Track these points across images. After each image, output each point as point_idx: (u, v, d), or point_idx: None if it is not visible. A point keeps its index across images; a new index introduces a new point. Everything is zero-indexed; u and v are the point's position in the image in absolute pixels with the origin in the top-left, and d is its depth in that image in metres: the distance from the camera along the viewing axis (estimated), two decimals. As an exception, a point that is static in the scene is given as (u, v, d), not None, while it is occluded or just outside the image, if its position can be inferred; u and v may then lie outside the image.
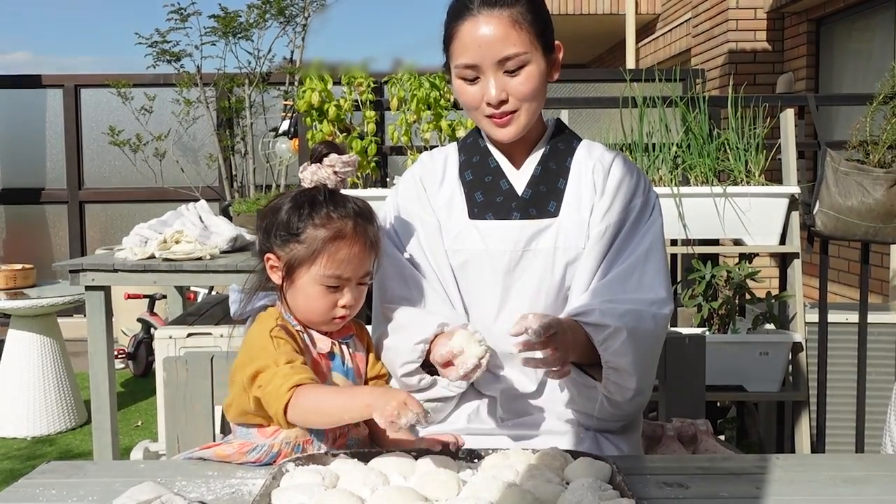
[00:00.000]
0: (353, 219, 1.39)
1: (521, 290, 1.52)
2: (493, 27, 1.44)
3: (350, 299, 1.39)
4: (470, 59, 1.46)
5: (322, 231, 1.37)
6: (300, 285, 1.39)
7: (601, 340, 1.41)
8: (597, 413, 1.49)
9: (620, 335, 1.40)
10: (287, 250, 1.39)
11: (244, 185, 5.44)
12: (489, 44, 1.44)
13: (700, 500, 1.19)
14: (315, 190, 1.42)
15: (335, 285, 1.38)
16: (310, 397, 1.29)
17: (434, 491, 1.17)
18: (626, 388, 1.44)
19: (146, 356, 5.14)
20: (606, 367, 1.42)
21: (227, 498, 1.22)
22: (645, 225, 1.54)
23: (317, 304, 1.40)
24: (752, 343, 2.89)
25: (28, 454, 3.88)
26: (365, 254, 1.40)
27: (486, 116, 1.50)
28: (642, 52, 8.66)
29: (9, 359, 4.17)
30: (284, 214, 1.40)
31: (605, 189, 1.54)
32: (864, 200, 2.84)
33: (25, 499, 1.22)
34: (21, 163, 6.56)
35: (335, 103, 3.07)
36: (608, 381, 1.43)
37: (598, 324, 1.41)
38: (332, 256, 1.37)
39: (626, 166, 1.57)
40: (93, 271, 3.11)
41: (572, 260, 1.51)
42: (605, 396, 1.46)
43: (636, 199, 1.54)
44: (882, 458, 1.68)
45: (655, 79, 3.28)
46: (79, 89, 6.42)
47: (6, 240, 6.59)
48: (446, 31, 1.50)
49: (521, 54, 1.45)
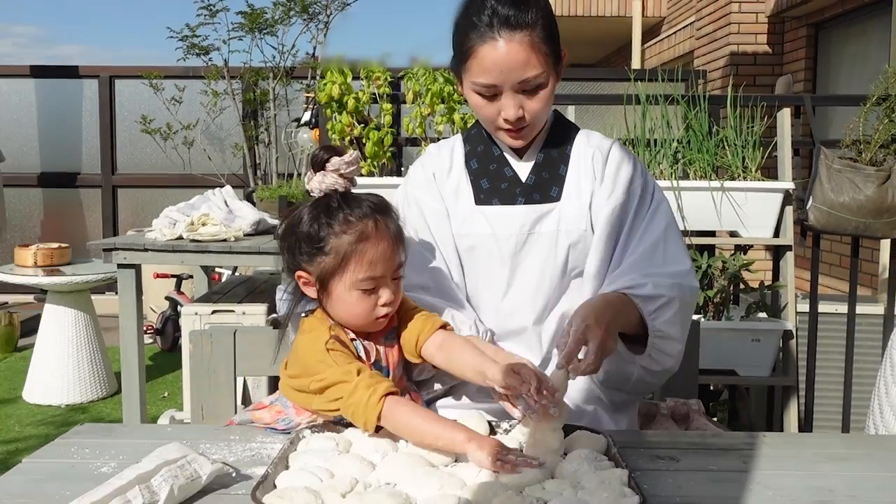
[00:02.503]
0: (372, 217, 1.31)
1: (526, 272, 1.53)
2: (514, 51, 1.40)
3: (389, 296, 1.32)
4: (490, 81, 1.43)
5: (345, 237, 1.29)
6: (337, 295, 1.32)
7: (652, 310, 1.41)
8: (629, 387, 1.49)
9: (673, 305, 1.42)
10: (316, 264, 1.31)
11: (267, 173, 5.47)
12: (511, 68, 1.41)
13: (690, 473, 1.20)
14: (327, 198, 1.33)
15: (371, 287, 1.31)
16: (402, 413, 1.23)
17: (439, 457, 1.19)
18: (670, 355, 1.45)
19: (173, 332, 5.18)
20: (653, 336, 1.42)
21: (248, 460, 1.24)
22: (652, 205, 1.54)
23: (357, 310, 1.32)
24: (744, 330, 2.89)
25: (62, 420, 3.93)
26: (392, 248, 1.32)
27: (502, 129, 1.50)
28: (648, 54, 8.61)
29: (45, 332, 4.22)
30: (305, 228, 1.31)
31: (604, 175, 1.54)
32: (856, 197, 2.83)
33: (60, 456, 1.24)
34: (58, 148, 6.60)
35: (354, 96, 3.08)
36: (653, 350, 1.43)
37: (651, 295, 1.41)
38: (361, 259, 1.29)
39: (622, 152, 1.58)
40: (124, 250, 3.14)
41: (574, 242, 1.52)
42: (642, 369, 1.45)
43: (636, 182, 1.55)
44: (865, 437, 1.69)
45: (658, 78, 3.27)
46: (113, 80, 6.45)
47: (44, 220, 6.64)
48: (462, 46, 1.45)
49: (539, 76, 1.43)
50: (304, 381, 1.31)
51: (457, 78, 1.55)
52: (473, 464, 1.14)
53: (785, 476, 1.20)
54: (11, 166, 5.97)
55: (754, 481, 1.17)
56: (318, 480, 1.09)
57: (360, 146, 3.09)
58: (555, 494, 1.06)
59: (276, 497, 1.03)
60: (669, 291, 1.42)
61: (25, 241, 4.96)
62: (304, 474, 1.10)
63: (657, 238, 1.50)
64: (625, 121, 3.08)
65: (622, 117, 3.10)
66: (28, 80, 6.54)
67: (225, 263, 4.19)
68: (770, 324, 2.94)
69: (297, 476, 1.11)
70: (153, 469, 1.05)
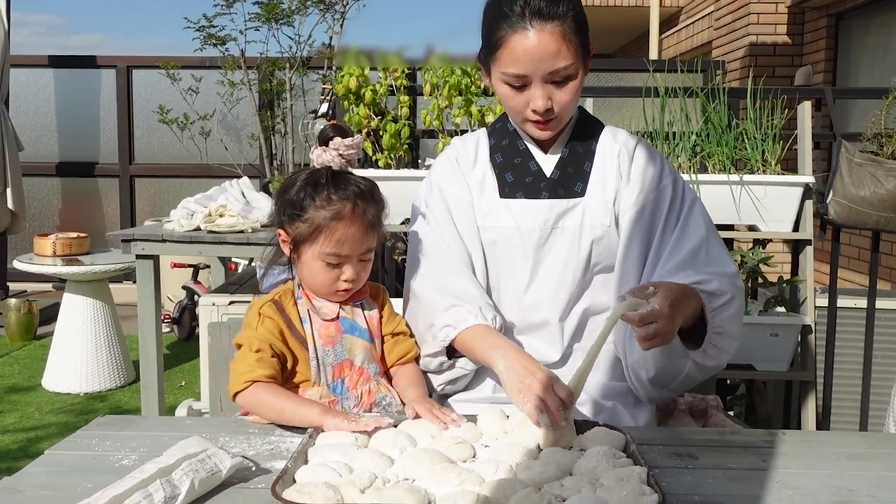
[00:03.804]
0: (352, 201, 1.41)
1: (549, 266, 1.53)
2: (545, 41, 1.41)
3: (351, 274, 1.43)
4: (520, 70, 1.44)
5: (322, 212, 1.40)
6: (304, 260, 1.44)
7: (715, 307, 1.40)
8: (675, 384, 1.48)
9: (735, 302, 1.41)
10: (294, 227, 1.43)
11: (283, 164, 5.48)
12: (541, 58, 1.41)
13: (708, 471, 1.20)
14: (319, 172, 1.45)
15: (336, 262, 1.42)
16: (266, 394, 1.36)
17: (457, 453, 1.19)
18: (726, 352, 1.44)
19: (190, 321, 5.22)
20: (712, 332, 1.41)
21: (267, 453, 1.24)
22: (686, 204, 1.53)
23: (320, 278, 1.44)
24: (763, 325, 2.87)
25: (81, 408, 3.97)
26: (363, 233, 1.42)
27: (530, 121, 1.50)
28: (665, 44, 8.54)
29: (64, 320, 4.26)
30: (293, 194, 1.44)
31: (630, 174, 1.54)
32: (877, 191, 2.80)
33: (83, 448, 1.25)
34: (76, 138, 6.64)
35: (371, 88, 3.07)
36: (709, 346, 1.42)
37: (716, 291, 1.40)
38: (331, 236, 1.40)
39: (648, 150, 1.57)
40: (143, 241, 3.16)
41: (598, 238, 1.52)
42: (695, 365, 1.44)
43: (664, 180, 1.54)
44: (885, 436, 1.67)
45: (677, 70, 3.24)
46: (131, 70, 6.48)
47: (62, 210, 6.69)
48: (493, 36, 1.45)
49: (569, 66, 1.43)
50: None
51: (484, 69, 1.54)
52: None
53: (804, 475, 1.19)
54: (30, 156, 6.01)
55: (774, 480, 1.17)
56: (337, 475, 1.09)
57: (376, 138, 3.09)
58: (573, 491, 1.06)
59: (296, 492, 1.04)
60: (732, 289, 1.42)
61: (44, 231, 5.00)
62: (323, 469, 1.11)
63: (701, 239, 1.49)
64: (643, 113, 3.06)
65: (640, 109, 3.08)
66: (46, 70, 6.58)
67: (242, 255, 4.21)
68: (788, 318, 2.91)
69: (316, 471, 1.11)
70: (174, 463, 1.06)
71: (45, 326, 5.29)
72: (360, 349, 1.47)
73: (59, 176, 6.62)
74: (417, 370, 1.52)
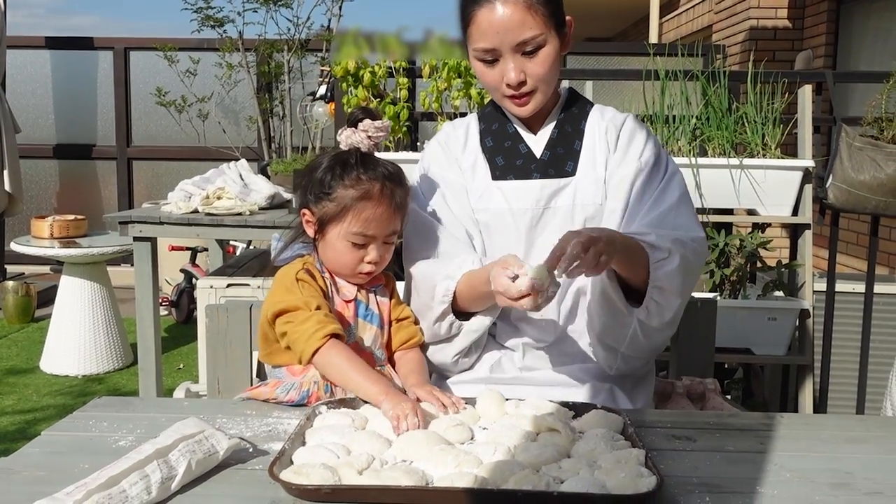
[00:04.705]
0: (381, 181, 1.42)
1: (542, 246, 1.52)
2: (509, 13, 1.42)
3: (376, 256, 1.43)
4: (488, 44, 1.45)
5: (351, 191, 1.41)
6: (329, 240, 1.44)
7: (657, 260, 1.39)
8: (626, 345, 1.46)
9: (675, 258, 1.40)
10: (320, 207, 1.43)
11: (282, 147, 5.45)
12: (507, 29, 1.43)
13: (706, 453, 1.20)
14: (349, 153, 1.45)
15: (361, 242, 1.42)
16: (340, 357, 1.34)
17: (455, 435, 1.19)
18: (668, 309, 1.43)
19: (188, 304, 5.21)
20: (652, 286, 1.40)
21: (265, 435, 1.24)
22: (666, 176, 1.53)
23: (344, 259, 1.44)
24: (761, 309, 2.87)
25: (79, 391, 3.97)
26: (390, 214, 1.43)
27: (506, 96, 1.50)
28: (665, 28, 8.49)
29: (62, 303, 4.25)
30: (320, 174, 1.44)
31: (617, 145, 1.54)
32: (877, 175, 2.79)
33: (80, 429, 1.25)
34: (74, 121, 6.60)
35: (370, 70, 3.05)
36: (650, 302, 1.41)
37: (656, 245, 1.40)
38: (359, 215, 1.40)
39: (636, 124, 1.58)
40: (140, 223, 3.15)
41: (591, 216, 1.52)
42: (639, 324, 1.43)
43: (647, 153, 1.54)
44: (883, 419, 1.67)
45: (678, 53, 3.23)
46: (128, 52, 6.43)
47: (59, 192, 6.67)
48: (462, 14, 1.49)
49: (537, 37, 1.44)
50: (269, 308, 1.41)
51: (465, 51, 1.55)
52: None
53: (802, 458, 1.19)
54: (27, 138, 5.98)
55: (771, 462, 1.17)
56: (334, 457, 1.09)
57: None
58: (571, 473, 1.06)
59: (293, 473, 1.04)
60: (672, 245, 1.40)
61: (41, 213, 4.98)
62: (320, 450, 1.11)
63: (670, 205, 1.49)
64: (643, 96, 3.04)
65: (640, 93, 3.06)
66: (43, 51, 6.53)
67: (240, 237, 4.20)
68: (787, 302, 2.92)
69: (313, 452, 1.11)
70: (171, 444, 1.05)
71: (42, 309, 5.28)
72: (370, 334, 1.47)
73: (57, 158, 6.59)
74: (421, 357, 1.51)
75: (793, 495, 1.06)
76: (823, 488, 1.08)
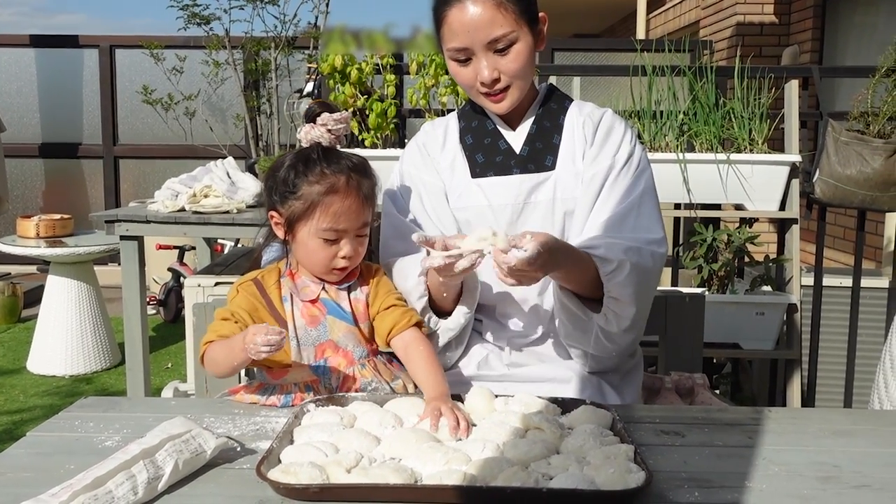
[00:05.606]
0: (346, 174, 1.40)
1: None
2: (479, 11, 1.42)
3: (349, 250, 1.41)
4: (460, 44, 1.45)
5: (316, 187, 1.39)
6: (301, 239, 1.42)
7: (606, 272, 1.40)
8: (591, 347, 1.48)
9: (624, 268, 1.40)
10: (287, 207, 1.41)
11: (269, 144, 5.43)
12: (477, 28, 1.43)
13: (695, 448, 1.20)
14: (310, 149, 1.43)
15: (333, 238, 1.40)
16: (210, 353, 1.37)
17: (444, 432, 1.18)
18: (624, 317, 1.44)
19: (176, 303, 5.19)
20: (608, 296, 1.42)
21: (252, 434, 1.23)
22: (635, 172, 1.53)
23: (317, 257, 1.41)
24: (749, 303, 2.88)
25: (67, 391, 3.95)
26: (359, 206, 1.41)
27: (482, 94, 1.50)
28: (653, 24, 8.51)
29: (49, 303, 4.22)
30: (283, 173, 1.42)
31: (594, 140, 1.54)
32: (863, 170, 2.80)
33: (65, 430, 1.24)
34: (59, 119, 6.55)
35: (357, 66, 3.04)
36: (608, 310, 1.43)
37: (605, 258, 1.40)
38: (327, 210, 1.38)
39: (613, 119, 1.58)
40: (127, 222, 3.12)
41: (571, 210, 1.52)
42: (599, 329, 1.45)
43: (622, 149, 1.54)
44: (870, 413, 1.68)
45: (665, 49, 3.23)
46: (114, 49, 6.39)
47: (45, 191, 6.62)
48: (435, 15, 1.49)
49: (508, 34, 1.44)
50: None
51: (441, 53, 1.55)
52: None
53: (790, 451, 1.19)
54: (12, 136, 5.93)
55: (760, 456, 1.17)
56: (322, 455, 1.09)
57: (363, 117, 3.06)
58: (560, 470, 1.06)
59: (281, 472, 1.03)
60: (621, 255, 1.40)
61: (27, 212, 4.94)
62: (308, 449, 1.10)
63: (632, 203, 1.50)
64: (631, 92, 3.05)
65: (628, 89, 3.07)
66: (28, 49, 6.48)
67: (227, 235, 4.18)
68: (774, 297, 2.93)
69: (301, 451, 1.10)
70: (158, 444, 1.05)
71: (29, 309, 5.25)
72: (343, 331, 1.45)
73: (42, 157, 6.54)
74: (422, 340, 1.42)
75: (781, 489, 1.07)
76: (811, 482, 1.09)
